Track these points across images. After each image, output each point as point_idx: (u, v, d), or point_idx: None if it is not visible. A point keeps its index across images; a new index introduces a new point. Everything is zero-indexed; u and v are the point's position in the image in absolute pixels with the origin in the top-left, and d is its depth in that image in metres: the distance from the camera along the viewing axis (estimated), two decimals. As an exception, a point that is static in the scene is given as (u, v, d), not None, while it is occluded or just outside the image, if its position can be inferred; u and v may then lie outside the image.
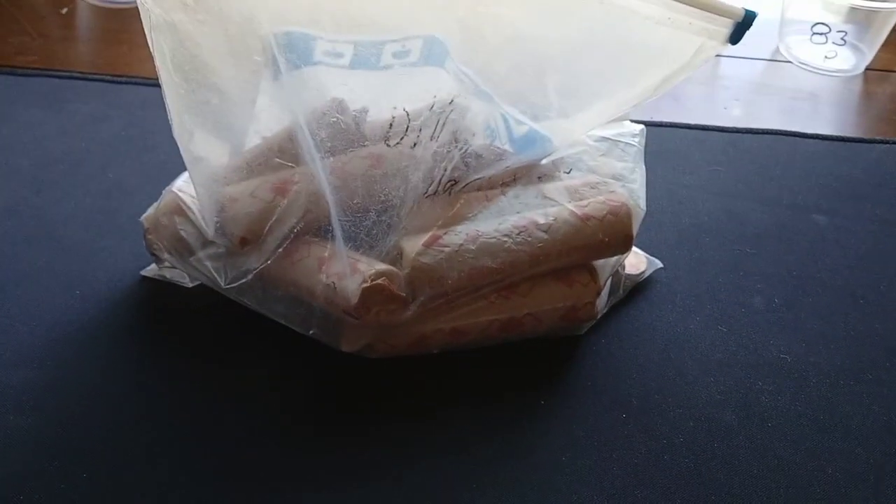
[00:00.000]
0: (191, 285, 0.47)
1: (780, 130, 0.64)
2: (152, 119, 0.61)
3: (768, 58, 0.73)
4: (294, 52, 0.42)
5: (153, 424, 0.41)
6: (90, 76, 0.65)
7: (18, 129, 0.59)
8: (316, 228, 0.43)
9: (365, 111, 0.45)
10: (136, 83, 0.64)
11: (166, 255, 0.45)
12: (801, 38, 0.72)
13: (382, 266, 0.41)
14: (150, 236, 0.45)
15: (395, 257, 0.43)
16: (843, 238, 0.54)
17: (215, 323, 0.46)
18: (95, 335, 0.44)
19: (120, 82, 0.65)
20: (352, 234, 0.42)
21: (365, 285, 0.40)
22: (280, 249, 0.42)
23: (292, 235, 0.42)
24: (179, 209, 0.44)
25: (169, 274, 0.47)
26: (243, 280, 0.43)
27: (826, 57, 0.71)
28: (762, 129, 0.64)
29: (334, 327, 0.43)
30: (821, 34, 0.71)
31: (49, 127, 0.59)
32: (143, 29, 0.69)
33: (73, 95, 0.63)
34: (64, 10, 0.74)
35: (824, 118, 0.67)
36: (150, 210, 0.46)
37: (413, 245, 0.42)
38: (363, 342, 0.43)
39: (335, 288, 0.41)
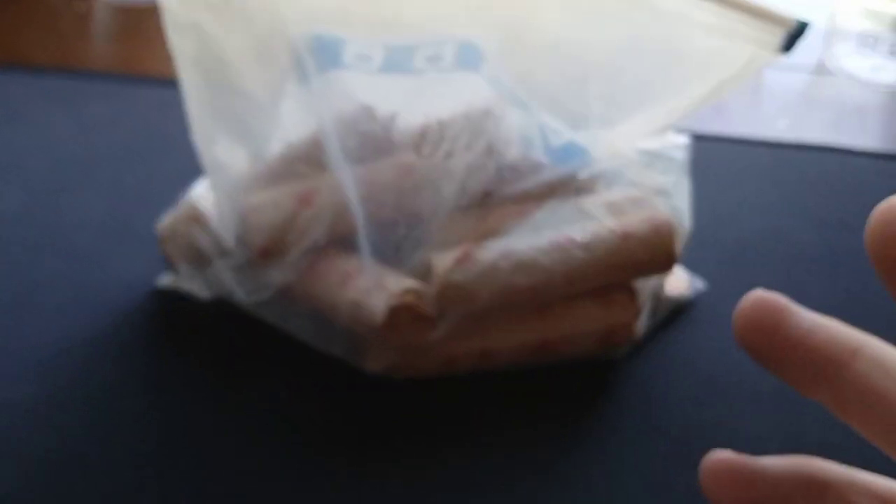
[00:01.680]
0: (207, 297, 0.45)
1: (827, 146, 0.61)
2: (170, 121, 0.58)
3: (814, 69, 0.70)
4: (322, 55, 0.40)
5: (164, 443, 0.39)
6: (106, 75, 0.63)
7: (34, 130, 0.57)
8: (341, 241, 0.40)
9: (395, 117, 0.43)
10: (153, 83, 0.62)
11: (182, 267, 0.43)
12: (848, 49, 0.70)
13: (411, 283, 0.39)
14: (166, 246, 0.43)
15: (425, 273, 0.40)
16: None
17: (232, 338, 0.44)
18: (106, 347, 0.42)
19: (137, 82, 0.63)
20: (379, 248, 0.40)
21: (392, 303, 0.38)
22: (303, 263, 0.40)
23: (316, 249, 0.40)
24: (197, 217, 0.42)
25: (185, 286, 0.45)
26: (264, 294, 0.40)
27: (874, 69, 0.69)
28: (809, 144, 0.61)
29: (358, 346, 0.41)
30: (868, 46, 0.68)
31: (64, 128, 0.58)
32: (160, 27, 0.67)
33: (89, 95, 0.61)
34: (81, 9, 0.72)
35: (873, 133, 0.64)
36: (167, 218, 0.44)
37: (443, 261, 0.40)
38: (388, 362, 0.41)
39: (360, 305, 0.39)
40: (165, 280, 0.45)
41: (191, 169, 0.43)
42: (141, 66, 0.65)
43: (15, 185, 0.52)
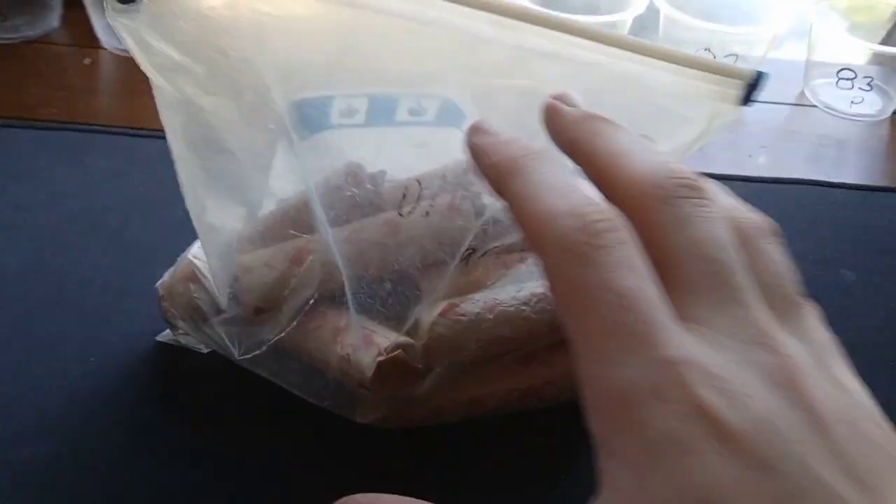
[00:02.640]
0: (206, 351, 0.46)
1: (806, 180, 0.62)
2: (171, 174, 0.60)
3: (793, 102, 0.72)
4: (310, 119, 0.42)
5: (167, 496, 0.40)
6: (111, 129, 0.65)
7: (38, 186, 0.59)
8: (331, 298, 0.42)
9: (383, 174, 0.45)
10: (156, 137, 0.64)
11: (181, 323, 0.45)
12: (826, 82, 0.71)
13: (398, 338, 0.41)
14: (164, 303, 0.45)
15: (412, 327, 0.42)
16: (872, 295, 0.52)
17: (231, 391, 0.45)
18: (110, 405, 0.44)
19: (141, 136, 0.65)
20: (367, 305, 0.41)
21: (380, 359, 0.40)
22: (295, 322, 0.41)
23: (308, 306, 0.42)
24: (194, 276, 0.44)
25: (184, 340, 0.47)
26: (257, 351, 0.42)
27: (853, 102, 0.70)
28: (788, 179, 0.62)
29: (349, 399, 0.42)
30: (847, 79, 0.70)
31: (69, 183, 0.59)
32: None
33: (94, 149, 0.63)
34: (87, 61, 0.74)
35: (851, 165, 0.66)
36: (166, 276, 0.46)
37: (429, 315, 0.42)
38: (378, 414, 0.42)
39: (350, 360, 0.40)
40: (165, 335, 0.47)
41: (190, 221, 0.44)
42: (145, 120, 0.67)
43: (19, 241, 0.54)
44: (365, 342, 0.40)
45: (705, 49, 0.69)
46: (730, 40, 0.68)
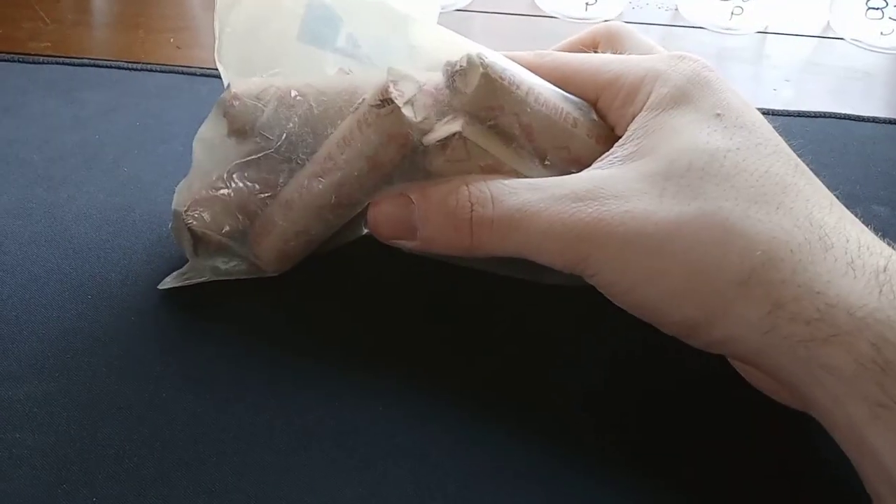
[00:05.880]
0: (213, 278, 0.44)
1: (832, 113, 0.60)
2: (169, 108, 0.58)
3: (819, 34, 0.69)
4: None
5: (170, 443, 0.38)
6: (105, 63, 0.63)
7: (30, 121, 0.57)
8: None
9: None
10: (151, 70, 0.62)
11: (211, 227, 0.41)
12: (854, 13, 0.68)
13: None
14: (192, 212, 0.41)
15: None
16: (906, 231, 0.50)
17: (236, 331, 0.43)
18: (108, 344, 0.42)
19: (135, 69, 0.62)
20: None
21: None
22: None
23: None
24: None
25: (197, 264, 0.44)
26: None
27: (882, 33, 0.67)
28: (814, 112, 0.60)
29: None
30: (876, 8, 0.66)
31: (61, 118, 0.57)
32: (159, 14, 0.66)
33: (87, 84, 0.61)
34: (78, -6, 0.71)
35: (880, 99, 0.63)
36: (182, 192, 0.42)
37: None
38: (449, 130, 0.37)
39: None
40: (166, 282, 0.44)
41: (189, 156, 0.42)
42: (139, 54, 0.64)
43: (13, 177, 0.52)
44: None
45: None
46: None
